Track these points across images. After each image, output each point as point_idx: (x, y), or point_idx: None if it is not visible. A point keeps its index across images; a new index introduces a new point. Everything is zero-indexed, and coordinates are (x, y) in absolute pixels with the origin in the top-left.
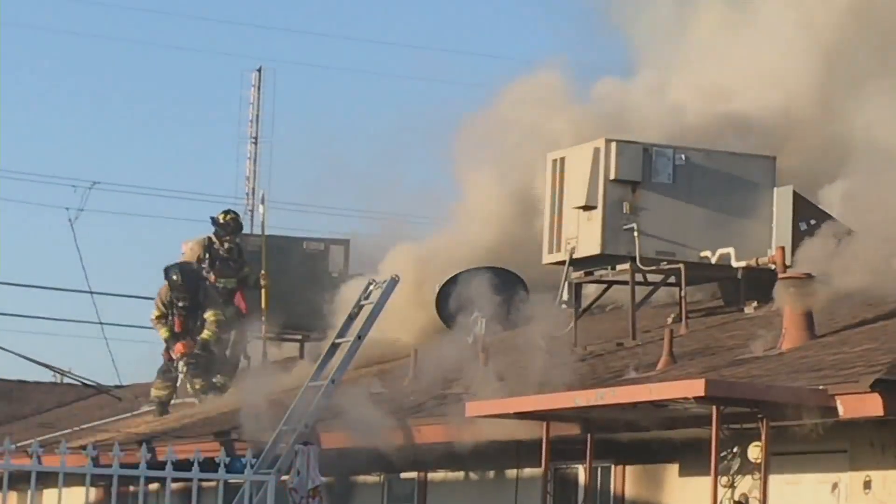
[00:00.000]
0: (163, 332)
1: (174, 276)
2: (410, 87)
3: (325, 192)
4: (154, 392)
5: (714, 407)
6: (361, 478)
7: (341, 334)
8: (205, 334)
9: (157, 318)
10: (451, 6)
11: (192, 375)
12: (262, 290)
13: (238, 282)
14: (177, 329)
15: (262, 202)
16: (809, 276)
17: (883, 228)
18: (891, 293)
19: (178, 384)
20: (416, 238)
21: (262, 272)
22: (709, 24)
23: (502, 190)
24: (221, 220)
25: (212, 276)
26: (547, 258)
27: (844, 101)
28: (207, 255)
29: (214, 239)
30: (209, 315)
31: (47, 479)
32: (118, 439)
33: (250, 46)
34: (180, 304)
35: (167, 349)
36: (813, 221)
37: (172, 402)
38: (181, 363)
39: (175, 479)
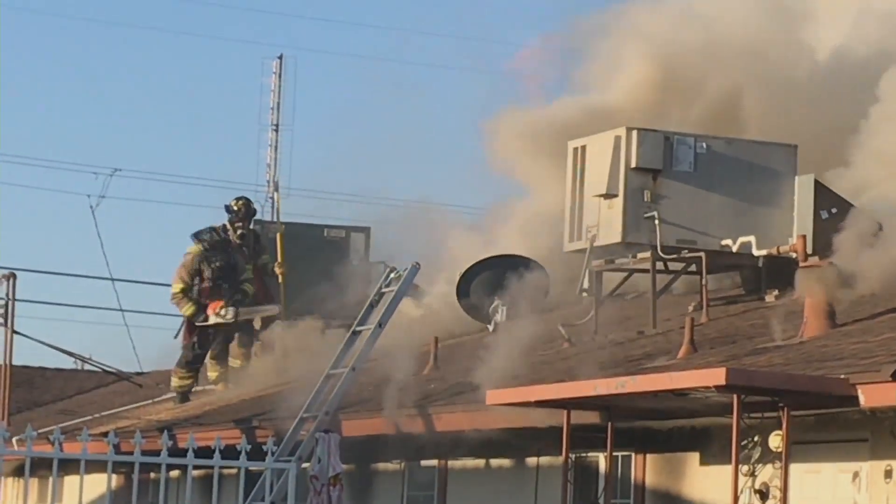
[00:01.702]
0: (187, 309)
1: (206, 237)
2: (430, 74)
3: (345, 179)
4: (175, 382)
5: (735, 396)
6: (382, 465)
7: (362, 322)
8: (247, 286)
9: (181, 291)
10: None
11: (243, 314)
12: (280, 279)
13: (255, 269)
14: (205, 300)
15: (276, 189)
16: (831, 265)
17: None
18: None
19: (199, 373)
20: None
21: (278, 261)
22: None
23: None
24: (234, 207)
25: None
26: (568, 246)
27: None
28: (205, 262)
29: (229, 226)
30: (248, 268)
31: (69, 466)
32: (139, 426)
33: (271, 34)
34: (217, 264)
35: (189, 330)
36: (834, 210)
37: (193, 389)
38: (224, 311)
39: (196, 467)
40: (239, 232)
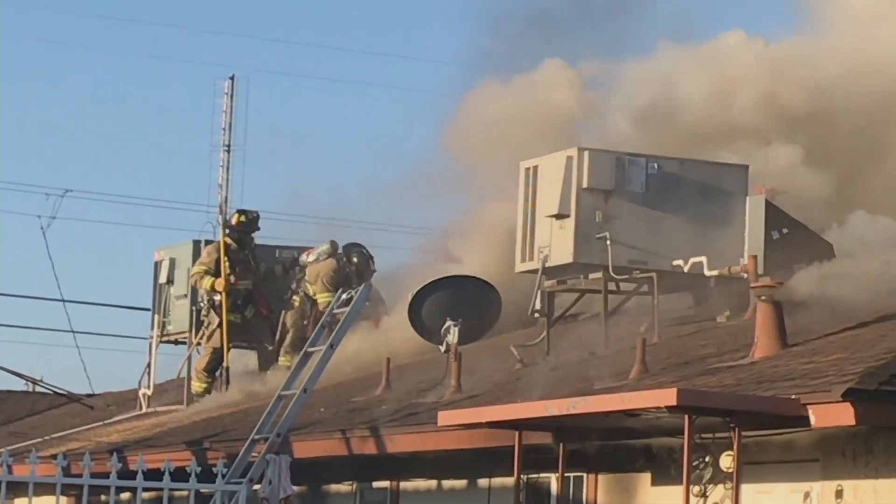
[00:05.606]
0: (206, 282)
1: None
2: (381, 95)
3: (298, 199)
4: (195, 386)
5: (686, 416)
6: (334, 487)
7: (314, 343)
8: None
9: (202, 272)
10: (422, 16)
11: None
12: (223, 298)
13: (254, 282)
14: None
15: (220, 211)
16: (781, 285)
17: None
18: (862, 302)
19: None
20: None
21: (220, 278)
22: None
23: None
24: (250, 217)
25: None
26: (519, 267)
27: None
28: (227, 259)
29: (231, 241)
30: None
31: (18, 488)
32: (89, 448)
33: (223, 55)
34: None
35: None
36: (785, 230)
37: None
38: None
39: (146, 489)
40: (252, 244)
